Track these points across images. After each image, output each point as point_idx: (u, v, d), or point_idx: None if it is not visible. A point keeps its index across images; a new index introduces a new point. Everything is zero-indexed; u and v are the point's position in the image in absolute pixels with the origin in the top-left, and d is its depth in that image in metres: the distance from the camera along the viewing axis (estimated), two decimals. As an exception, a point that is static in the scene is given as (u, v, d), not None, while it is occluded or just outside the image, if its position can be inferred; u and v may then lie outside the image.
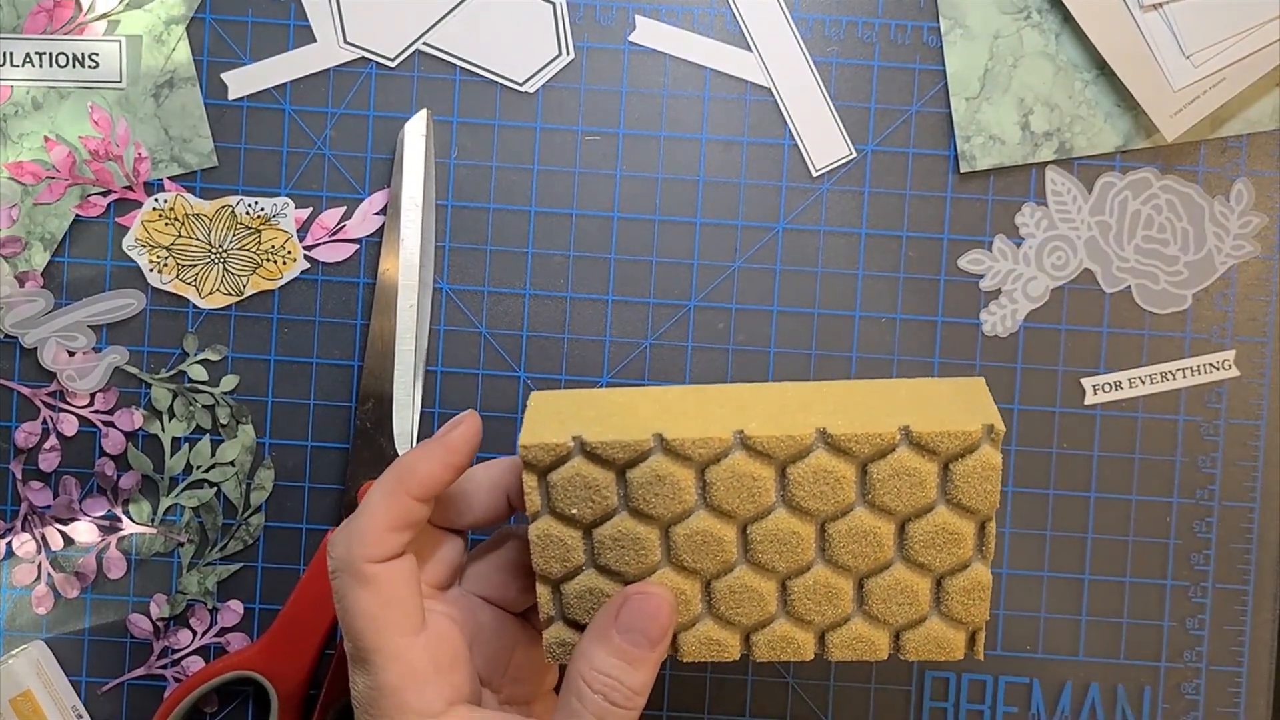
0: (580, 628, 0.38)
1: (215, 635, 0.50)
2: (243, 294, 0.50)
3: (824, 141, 0.50)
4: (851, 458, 0.36)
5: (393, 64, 0.50)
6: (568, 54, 0.50)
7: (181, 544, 0.50)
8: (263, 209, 0.50)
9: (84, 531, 0.50)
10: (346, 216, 0.50)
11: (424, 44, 0.50)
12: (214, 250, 0.50)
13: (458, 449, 0.38)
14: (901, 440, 0.36)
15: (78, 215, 0.50)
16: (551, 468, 0.37)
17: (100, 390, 0.50)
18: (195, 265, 0.50)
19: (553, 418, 0.38)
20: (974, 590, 0.38)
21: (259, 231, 0.50)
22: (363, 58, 0.50)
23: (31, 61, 0.49)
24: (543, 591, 0.38)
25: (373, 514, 0.37)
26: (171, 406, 0.50)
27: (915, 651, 0.38)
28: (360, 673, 0.37)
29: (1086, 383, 0.51)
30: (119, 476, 0.50)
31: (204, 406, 0.50)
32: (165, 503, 0.50)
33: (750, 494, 0.37)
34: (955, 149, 0.50)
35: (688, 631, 0.38)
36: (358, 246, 0.50)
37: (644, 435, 0.36)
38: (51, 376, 0.50)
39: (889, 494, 0.37)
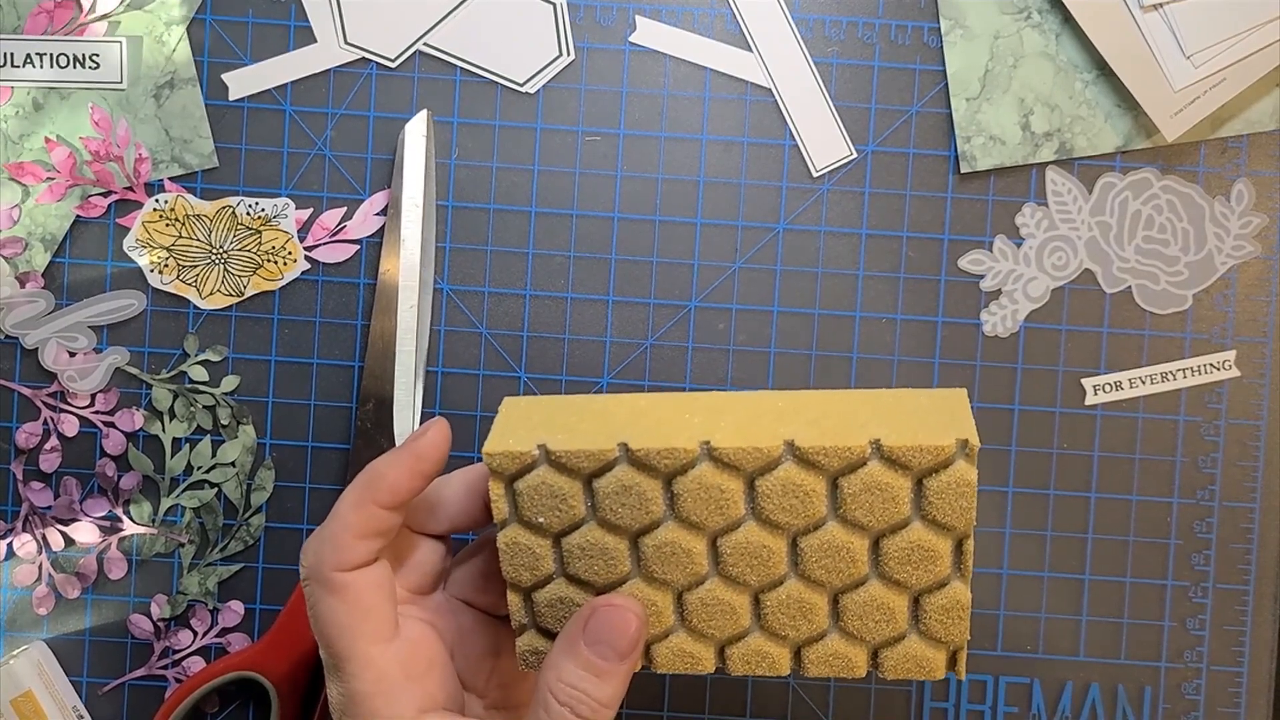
0: (552, 636, 0.38)
1: (216, 636, 0.50)
2: (243, 295, 0.50)
3: (824, 142, 0.50)
4: (821, 471, 0.35)
5: (393, 64, 0.50)
6: (568, 54, 0.50)
7: (182, 544, 0.50)
8: (263, 210, 0.50)
9: (85, 532, 0.50)
10: (347, 217, 0.50)
11: (424, 44, 0.50)
12: (214, 251, 0.50)
13: (425, 456, 0.37)
14: (872, 454, 0.35)
15: (78, 216, 0.50)
16: (518, 476, 0.37)
17: (101, 391, 0.50)
18: (196, 266, 0.50)
19: (522, 424, 0.38)
20: (953, 609, 0.37)
21: (259, 232, 0.50)
22: (363, 58, 0.50)
23: (32, 62, 0.49)
24: (514, 599, 0.38)
25: (341, 522, 0.37)
26: (172, 407, 0.50)
27: (894, 670, 0.37)
28: (334, 680, 0.37)
29: (1087, 383, 0.51)
30: (120, 477, 0.50)
31: (205, 407, 0.50)
32: (166, 503, 0.50)
33: (719, 506, 0.36)
34: (955, 149, 0.50)
35: (661, 643, 0.38)
36: (358, 247, 0.50)
37: (610, 444, 0.36)
38: (52, 377, 0.50)
39: (860, 509, 0.35)
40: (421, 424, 0.50)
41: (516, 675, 0.42)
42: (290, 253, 0.50)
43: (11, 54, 0.49)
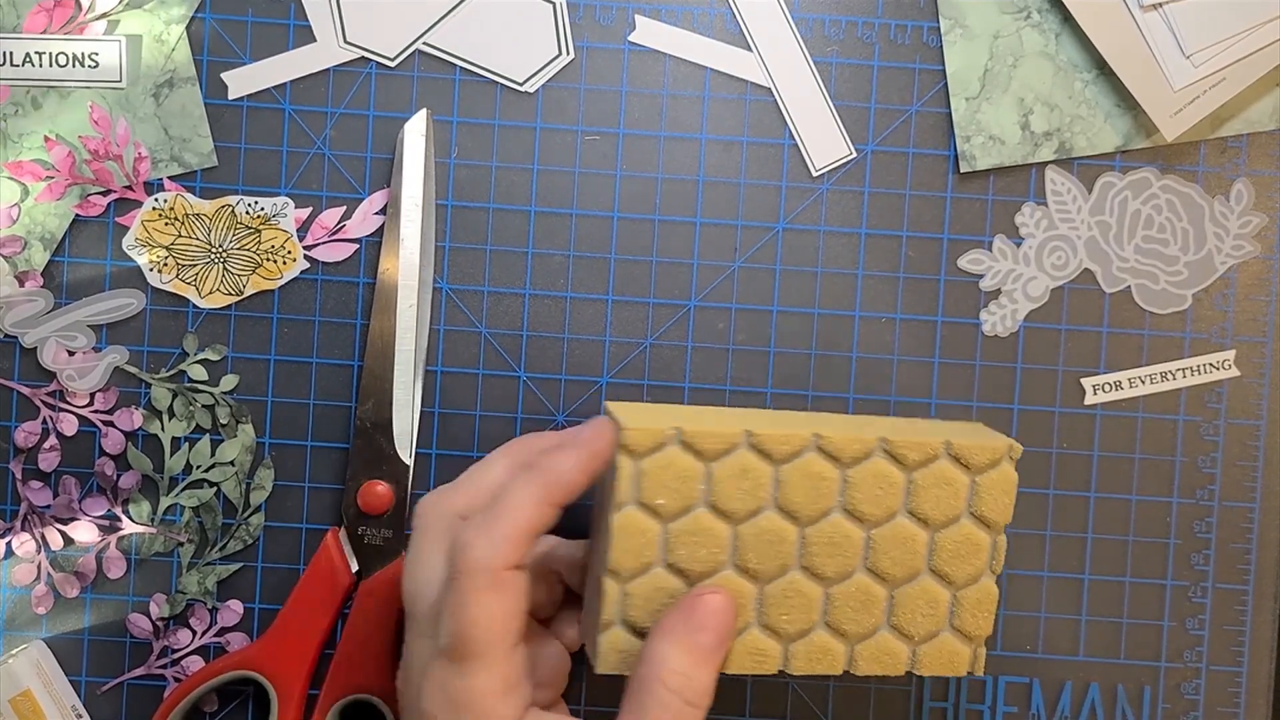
0: (638, 633, 0.39)
1: (215, 635, 0.50)
2: (243, 294, 0.50)
3: (824, 141, 0.50)
4: (903, 464, 0.41)
5: (393, 64, 0.50)
6: (568, 54, 0.50)
7: (181, 544, 0.50)
8: (263, 209, 0.50)
9: (84, 531, 0.50)
10: (346, 216, 0.50)
11: (424, 44, 0.50)
12: (214, 250, 0.50)
13: (601, 456, 0.38)
14: (943, 451, 0.41)
15: (77, 215, 0.50)
16: (646, 454, 0.39)
17: (100, 390, 0.50)
18: (195, 265, 0.50)
19: (635, 418, 0.40)
20: (984, 601, 0.41)
21: (259, 231, 0.50)
22: (363, 57, 0.50)
23: (31, 61, 0.49)
24: (612, 589, 0.39)
25: (519, 519, 0.36)
26: (171, 406, 0.50)
27: (929, 666, 0.41)
28: (454, 671, 0.37)
29: (1086, 383, 0.51)
30: (119, 476, 0.50)
31: (204, 406, 0.50)
32: (165, 502, 0.50)
33: (817, 493, 0.40)
34: (955, 149, 0.50)
35: (736, 640, 0.40)
36: (358, 246, 0.50)
37: (736, 429, 0.40)
38: (51, 376, 0.50)
39: (929, 502, 0.41)
40: (421, 423, 0.50)
41: (550, 675, 0.44)
42: (289, 252, 0.50)
43: (10, 53, 0.49)
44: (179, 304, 0.50)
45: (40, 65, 0.49)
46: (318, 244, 0.50)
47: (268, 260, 0.50)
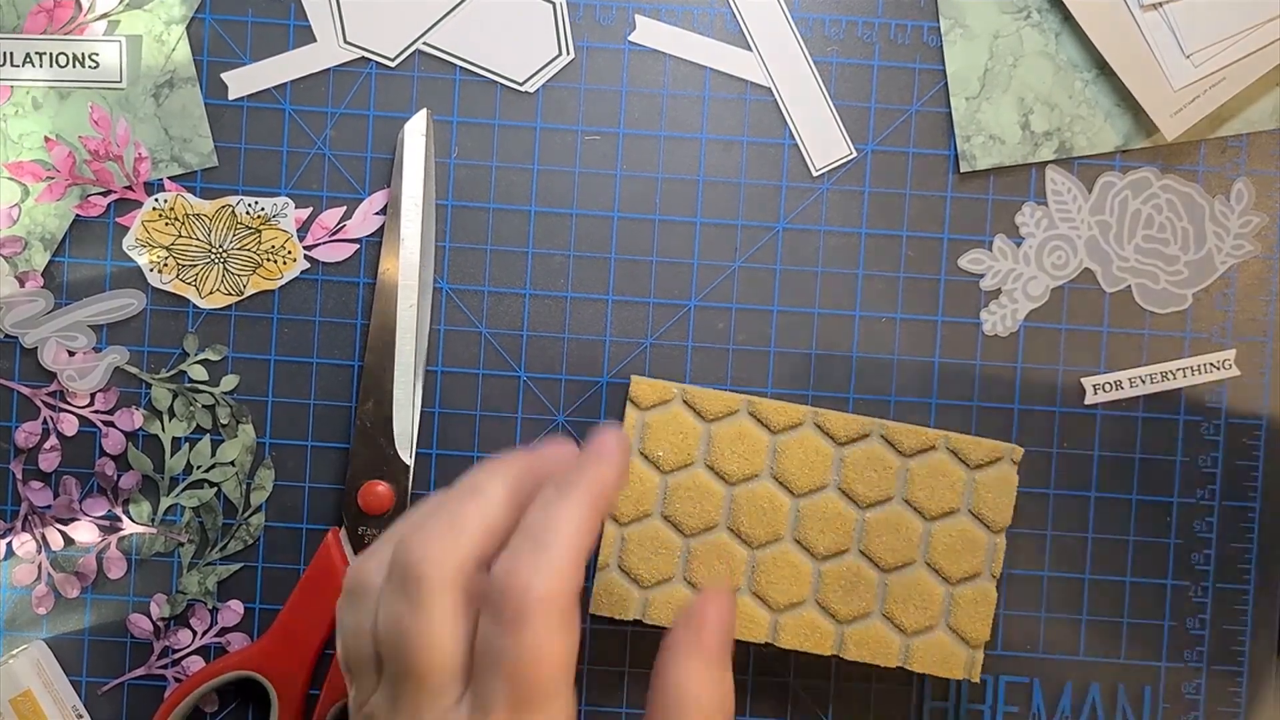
0: (631, 579, 0.42)
1: (215, 635, 0.50)
2: (243, 294, 0.50)
3: (824, 141, 0.50)
4: (900, 451, 0.43)
5: (393, 64, 0.50)
6: (568, 54, 0.50)
7: (182, 544, 0.50)
8: (263, 209, 0.50)
9: (84, 531, 0.50)
10: (346, 216, 0.50)
11: (424, 44, 0.50)
12: (214, 250, 0.50)
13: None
14: (941, 443, 0.43)
15: (78, 215, 0.50)
16: (651, 408, 0.42)
17: (100, 390, 0.50)
18: (195, 265, 0.50)
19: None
20: (981, 603, 0.43)
21: (259, 231, 0.50)
22: (363, 57, 0.50)
23: (31, 61, 0.49)
24: (610, 532, 0.42)
25: (573, 542, 0.32)
26: (172, 406, 0.50)
27: (922, 662, 0.42)
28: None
29: (1086, 382, 0.51)
30: (119, 476, 0.50)
31: (204, 406, 0.50)
32: (165, 503, 0.50)
33: (811, 467, 0.42)
34: (955, 149, 0.50)
35: None
36: (358, 246, 0.50)
37: (736, 399, 0.43)
38: (52, 376, 0.50)
39: (923, 490, 0.42)
40: (421, 423, 0.50)
41: None
42: (290, 252, 0.50)
43: (11, 53, 0.49)
44: (179, 304, 0.50)
45: (40, 65, 0.49)
46: (318, 244, 0.50)
47: (268, 260, 0.50)
